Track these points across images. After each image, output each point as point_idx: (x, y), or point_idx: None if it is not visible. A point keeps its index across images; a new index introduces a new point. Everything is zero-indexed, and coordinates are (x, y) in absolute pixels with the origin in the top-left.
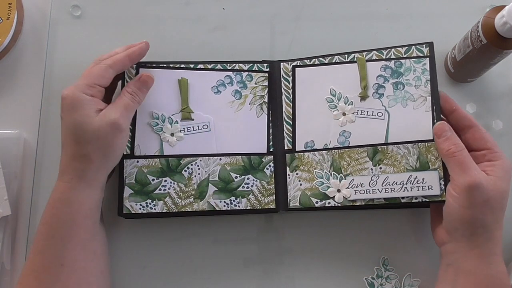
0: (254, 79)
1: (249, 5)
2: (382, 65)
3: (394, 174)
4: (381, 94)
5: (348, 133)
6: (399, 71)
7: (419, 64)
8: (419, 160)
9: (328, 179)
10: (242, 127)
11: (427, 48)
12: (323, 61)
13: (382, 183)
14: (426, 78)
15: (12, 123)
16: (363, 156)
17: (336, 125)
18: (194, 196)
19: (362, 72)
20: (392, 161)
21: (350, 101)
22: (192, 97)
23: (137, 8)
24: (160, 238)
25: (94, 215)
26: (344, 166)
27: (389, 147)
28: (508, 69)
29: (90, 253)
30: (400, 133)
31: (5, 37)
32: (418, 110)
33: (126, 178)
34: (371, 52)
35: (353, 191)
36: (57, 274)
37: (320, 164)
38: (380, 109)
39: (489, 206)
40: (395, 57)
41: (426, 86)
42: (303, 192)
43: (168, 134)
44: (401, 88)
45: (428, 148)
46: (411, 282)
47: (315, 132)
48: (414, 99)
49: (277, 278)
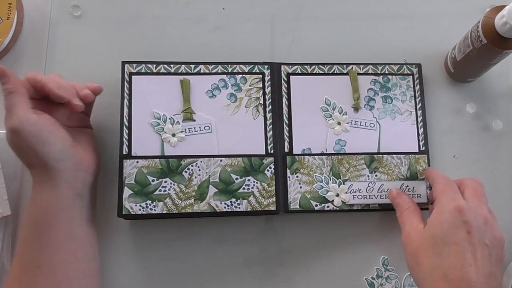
0: (248, 81)
1: (249, 5)
2: (371, 79)
3: (388, 181)
4: (372, 106)
5: (344, 141)
6: (387, 86)
7: (404, 80)
8: (410, 170)
9: (328, 183)
10: (239, 130)
11: (416, 68)
12: (323, 69)
13: (378, 190)
14: (411, 94)
15: None
16: (361, 163)
17: (332, 133)
18: (194, 197)
19: (354, 85)
20: (386, 169)
21: (345, 111)
22: (192, 98)
23: (137, 8)
24: (160, 238)
25: (68, 214)
26: (343, 172)
27: (384, 156)
28: (508, 69)
29: (68, 255)
30: (391, 143)
31: (5, 37)
32: (405, 123)
33: (126, 178)
34: (368, 66)
35: (351, 196)
36: (35, 276)
37: (320, 168)
38: (372, 120)
39: (422, 254)
40: (388, 72)
41: (411, 101)
42: (303, 194)
43: (169, 135)
44: (390, 101)
45: (417, 160)
46: (411, 282)
47: (312, 139)
48: (401, 112)
49: (277, 279)
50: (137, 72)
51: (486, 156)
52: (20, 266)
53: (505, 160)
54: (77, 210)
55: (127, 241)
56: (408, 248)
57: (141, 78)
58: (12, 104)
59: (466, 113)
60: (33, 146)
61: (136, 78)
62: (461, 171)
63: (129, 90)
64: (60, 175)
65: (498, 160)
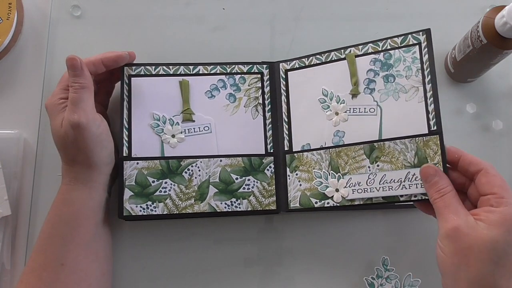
0: (247, 81)
1: (249, 5)
2: (371, 59)
3: (391, 171)
4: (372, 89)
5: (342, 132)
6: (389, 63)
7: (409, 53)
8: (417, 155)
9: (327, 178)
10: (238, 130)
11: (423, 35)
12: (320, 59)
13: (379, 181)
14: (417, 67)
15: (12, 123)
16: (360, 153)
17: (330, 125)
18: (194, 197)
19: (352, 69)
20: (389, 157)
21: (342, 100)
22: (191, 99)
23: (137, 8)
24: (161, 238)
25: (97, 216)
26: (342, 165)
27: (386, 143)
28: (508, 69)
29: (91, 254)
30: (394, 127)
31: (5, 37)
32: (411, 102)
33: (126, 180)
34: (367, 45)
35: (350, 190)
36: (57, 273)
37: (319, 164)
38: (372, 105)
39: (473, 255)
40: (390, 47)
41: (417, 75)
42: (302, 192)
43: (169, 136)
44: (392, 80)
45: (426, 143)
46: (411, 282)
47: (310, 135)
48: (405, 90)
49: (277, 278)
50: (136, 74)
51: (486, 156)
52: (42, 262)
53: (505, 160)
54: (105, 212)
55: (128, 242)
56: (456, 243)
57: (140, 80)
58: (81, 99)
59: (466, 113)
60: (90, 146)
61: (136, 80)
62: None
63: (128, 92)
64: (102, 178)
65: (498, 160)
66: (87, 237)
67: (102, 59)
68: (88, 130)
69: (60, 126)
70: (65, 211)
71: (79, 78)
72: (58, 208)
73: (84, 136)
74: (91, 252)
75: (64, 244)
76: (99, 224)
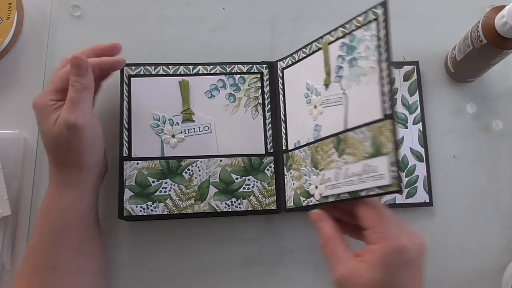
0: (247, 81)
1: (249, 5)
2: (340, 44)
3: (353, 164)
4: (340, 76)
5: (320, 126)
6: (352, 46)
7: (368, 31)
8: (374, 144)
9: (310, 175)
10: (238, 130)
11: (382, 9)
12: (305, 52)
13: (344, 176)
14: (374, 44)
15: (12, 123)
16: (330, 147)
17: (311, 120)
18: (195, 197)
19: (325, 56)
20: (352, 149)
21: (319, 92)
22: (191, 99)
23: (137, 8)
24: (161, 238)
25: (86, 217)
26: (319, 161)
27: (349, 134)
28: (508, 69)
29: (83, 255)
30: (357, 115)
31: (5, 37)
32: (369, 85)
33: (126, 180)
34: (338, 29)
35: (323, 186)
36: (48, 277)
37: (304, 161)
38: (338, 93)
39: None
40: (355, 27)
41: (374, 54)
42: (295, 191)
43: (169, 136)
44: (355, 64)
45: (380, 129)
46: None
47: (299, 132)
48: (365, 73)
49: (277, 278)
50: (136, 74)
51: (486, 156)
52: (32, 266)
53: (505, 160)
54: (95, 213)
55: (128, 242)
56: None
57: (140, 80)
58: (81, 100)
59: (466, 113)
60: (83, 148)
61: (135, 80)
62: (461, 171)
63: (128, 92)
64: (92, 180)
65: (498, 160)
66: (77, 239)
67: (98, 64)
68: (84, 132)
69: (53, 126)
70: (55, 214)
71: (82, 79)
72: (47, 211)
73: (79, 137)
74: (82, 253)
75: (55, 247)
76: (89, 226)
